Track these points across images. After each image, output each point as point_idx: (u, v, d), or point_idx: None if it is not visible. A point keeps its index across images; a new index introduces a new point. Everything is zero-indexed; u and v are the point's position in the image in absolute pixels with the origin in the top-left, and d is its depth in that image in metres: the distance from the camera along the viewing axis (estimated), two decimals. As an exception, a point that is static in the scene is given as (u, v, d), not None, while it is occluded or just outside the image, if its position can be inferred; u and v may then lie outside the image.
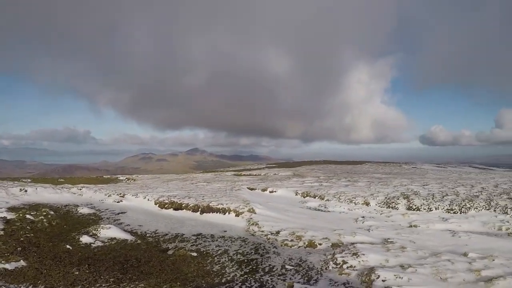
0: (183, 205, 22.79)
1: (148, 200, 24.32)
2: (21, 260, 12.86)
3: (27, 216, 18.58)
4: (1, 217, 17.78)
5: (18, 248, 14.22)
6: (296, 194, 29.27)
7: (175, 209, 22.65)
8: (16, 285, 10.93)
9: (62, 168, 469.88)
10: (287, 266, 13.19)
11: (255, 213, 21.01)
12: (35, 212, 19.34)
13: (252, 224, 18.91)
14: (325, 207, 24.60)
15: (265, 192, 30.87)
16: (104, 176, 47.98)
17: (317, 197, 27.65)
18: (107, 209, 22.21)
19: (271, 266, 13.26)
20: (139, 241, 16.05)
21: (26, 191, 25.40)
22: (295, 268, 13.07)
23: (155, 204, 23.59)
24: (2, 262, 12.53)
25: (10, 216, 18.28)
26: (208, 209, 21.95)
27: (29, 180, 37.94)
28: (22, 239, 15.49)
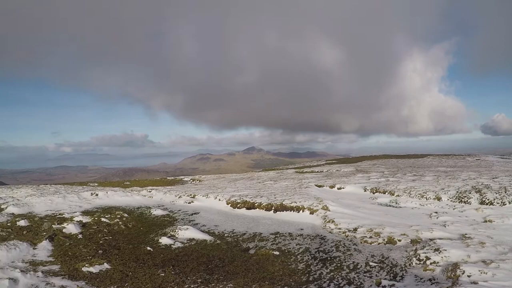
0: (256, 204, 22.78)
1: (220, 200, 24.54)
2: (105, 263, 13.21)
3: (103, 219, 19.20)
4: (77, 221, 18.44)
5: (99, 251, 14.65)
6: (365, 190, 28.67)
7: (248, 208, 22.68)
8: (103, 288, 11.18)
9: (122, 171, 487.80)
10: (370, 263, 12.98)
11: (329, 210, 20.72)
12: (110, 215, 19.96)
13: (328, 221, 18.67)
14: (396, 202, 23.99)
15: (333, 189, 30.48)
16: (168, 178, 49.03)
17: (387, 193, 26.98)
18: (179, 210, 22.60)
19: (355, 263, 13.11)
20: (218, 241, 16.17)
21: (97, 195, 26.29)
22: (379, 265, 12.85)
23: (227, 204, 23.75)
24: (86, 265, 12.90)
25: (85, 219, 18.95)
26: (282, 208, 21.82)
27: (96, 184, 39.37)
28: (101, 242, 15.98)
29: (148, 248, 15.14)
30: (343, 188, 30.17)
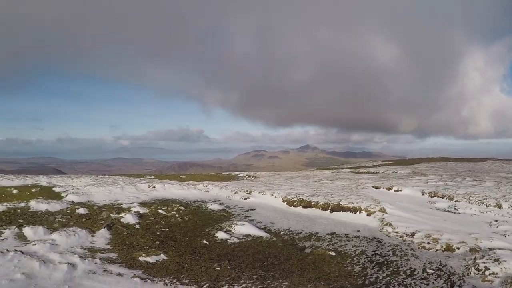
0: (312, 203, 22.74)
1: (276, 197, 24.69)
2: (161, 254, 13.62)
3: (159, 211, 19.79)
4: (135, 212, 19.09)
5: (156, 242, 15.12)
6: (423, 194, 27.80)
7: (304, 207, 22.68)
8: (160, 278, 11.51)
9: (177, 165, 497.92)
10: (428, 270, 12.72)
11: (386, 213, 20.38)
12: (166, 207, 20.54)
13: (386, 224, 18.39)
14: (454, 208, 23.05)
15: (390, 191, 29.85)
16: (223, 173, 49.64)
17: (445, 198, 26.00)
18: (235, 206, 22.97)
19: (412, 269, 12.86)
20: (274, 239, 16.30)
21: (154, 187, 27.09)
22: (436, 272, 12.54)
23: (283, 201, 23.85)
24: (143, 255, 13.35)
25: (143, 210, 19.62)
26: (339, 208, 21.67)
27: (152, 177, 40.43)
28: (158, 233, 16.48)
29: (204, 241, 15.50)
30: (400, 190, 29.51)
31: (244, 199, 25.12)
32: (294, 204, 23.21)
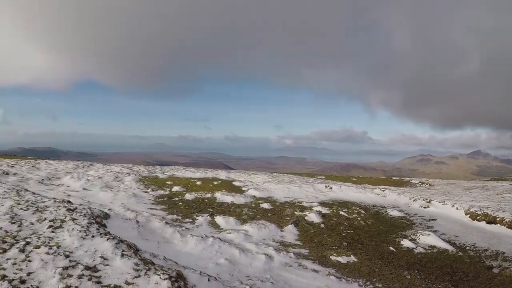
0: (497, 219, 21.55)
1: (457, 209, 23.72)
2: (351, 255, 14.34)
3: (341, 212, 20.62)
4: (317, 211, 20.17)
5: (344, 243, 15.92)
6: None
7: (488, 222, 21.57)
8: (353, 279, 12.20)
9: (339, 166, 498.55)
10: None
11: None
12: (347, 209, 21.29)
13: None
14: None
15: None
16: (394, 178, 48.94)
17: None
18: (415, 214, 22.74)
19: None
20: (460, 253, 15.97)
21: (331, 188, 28.08)
22: None
23: (465, 214, 22.85)
24: (334, 254, 14.20)
25: (324, 210, 20.59)
26: (527, 227, 20.32)
27: (323, 177, 41.52)
28: (343, 234, 17.29)
29: (391, 248, 15.86)
30: None
31: (424, 207, 24.65)
32: (478, 218, 22.19)
